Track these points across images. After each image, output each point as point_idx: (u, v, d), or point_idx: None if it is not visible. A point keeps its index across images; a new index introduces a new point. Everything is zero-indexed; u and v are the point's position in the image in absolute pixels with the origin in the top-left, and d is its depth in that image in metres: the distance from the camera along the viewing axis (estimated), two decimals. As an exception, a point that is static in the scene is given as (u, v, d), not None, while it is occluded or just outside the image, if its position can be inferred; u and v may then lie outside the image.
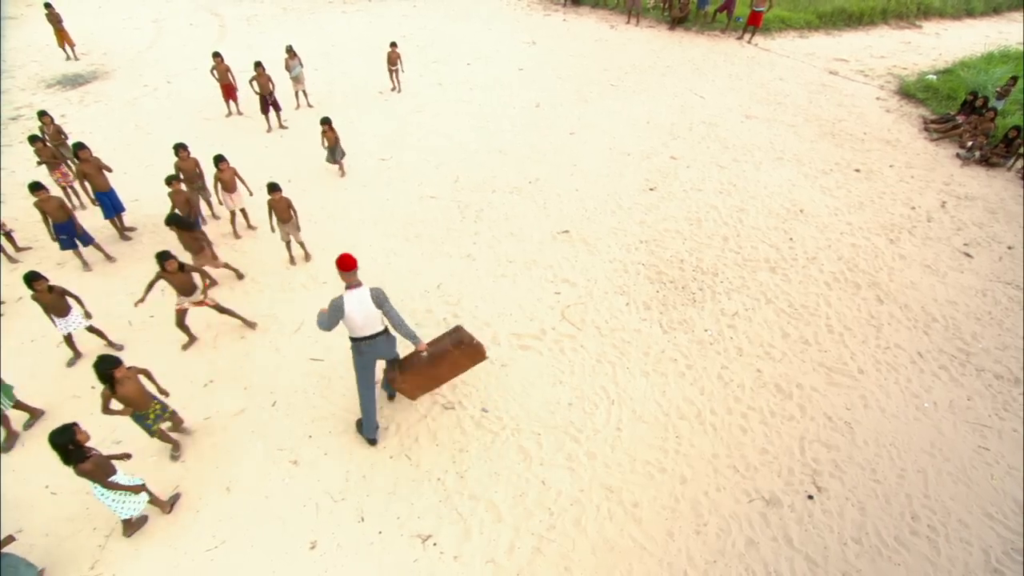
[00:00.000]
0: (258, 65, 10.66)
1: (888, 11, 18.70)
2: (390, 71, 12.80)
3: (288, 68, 11.40)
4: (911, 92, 13.25)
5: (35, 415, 5.68)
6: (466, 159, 10.20)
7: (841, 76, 14.23)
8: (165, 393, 5.41)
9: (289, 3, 18.96)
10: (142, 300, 6.04)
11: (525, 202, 9.01)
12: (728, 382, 6.15)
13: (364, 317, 4.70)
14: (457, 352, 5.18)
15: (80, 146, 7.61)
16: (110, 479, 4.36)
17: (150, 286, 6.05)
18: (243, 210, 8.26)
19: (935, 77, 13.62)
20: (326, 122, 9.23)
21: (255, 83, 10.63)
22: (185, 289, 6.16)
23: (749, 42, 16.05)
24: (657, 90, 13.03)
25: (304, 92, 11.97)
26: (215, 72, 11.05)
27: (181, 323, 6.36)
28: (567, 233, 8.29)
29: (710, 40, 16.25)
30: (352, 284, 4.68)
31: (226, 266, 7.26)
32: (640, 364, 6.33)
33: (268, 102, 10.89)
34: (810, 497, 5.12)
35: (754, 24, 15.65)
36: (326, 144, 9.42)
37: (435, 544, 4.73)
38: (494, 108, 12.14)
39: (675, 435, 5.61)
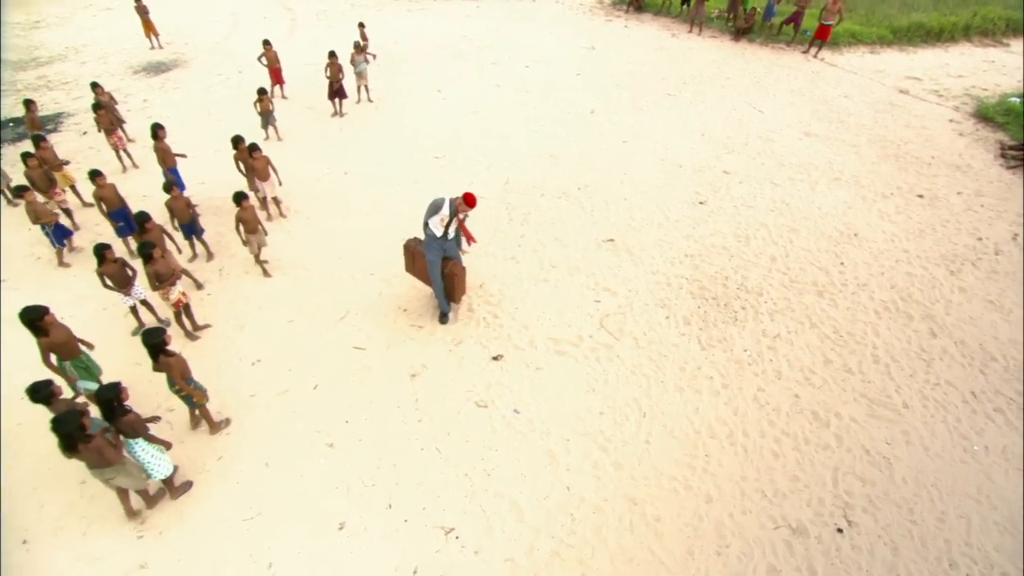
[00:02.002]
0: (332, 55, 11.29)
1: (972, 27, 17.70)
2: (363, 46, 13.66)
3: (354, 63, 11.84)
4: (989, 115, 12.54)
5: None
6: (517, 161, 10.33)
7: (912, 95, 13.62)
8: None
9: None
10: None
11: (572, 208, 9.06)
12: (763, 405, 6.05)
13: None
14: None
15: (158, 126, 8.20)
16: (149, 433, 4.74)
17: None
18: (275, 198, 8.64)
19: (1019, 100, 12.87)
20: (262, 92, 10.33)
21: (328, 70, 11.30)
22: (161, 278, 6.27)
23: (815, 56, 15.56)
24: (715, 102, 12.82)
25: (366, 87, 12.39)
26: (263, 59, 11.76)
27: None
28: (612, 242, 8.30)
29: (774, 53, 15.84)
30: (461, 209, 6.13)
31: (184, 273, 7.18)
32: (675, 379, 6.30)
33: (335, 90, 11.54)
34: (839, 531, 5.00)
35: (822, 38, 15.16)
36: (259, 111, 10.43)
37: (457, 537, 4.87)
38: (549, 112, 12.23)
39: (704, 453, 5.57)
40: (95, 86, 10.09)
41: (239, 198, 7.05)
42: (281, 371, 6.33)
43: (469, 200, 6.09)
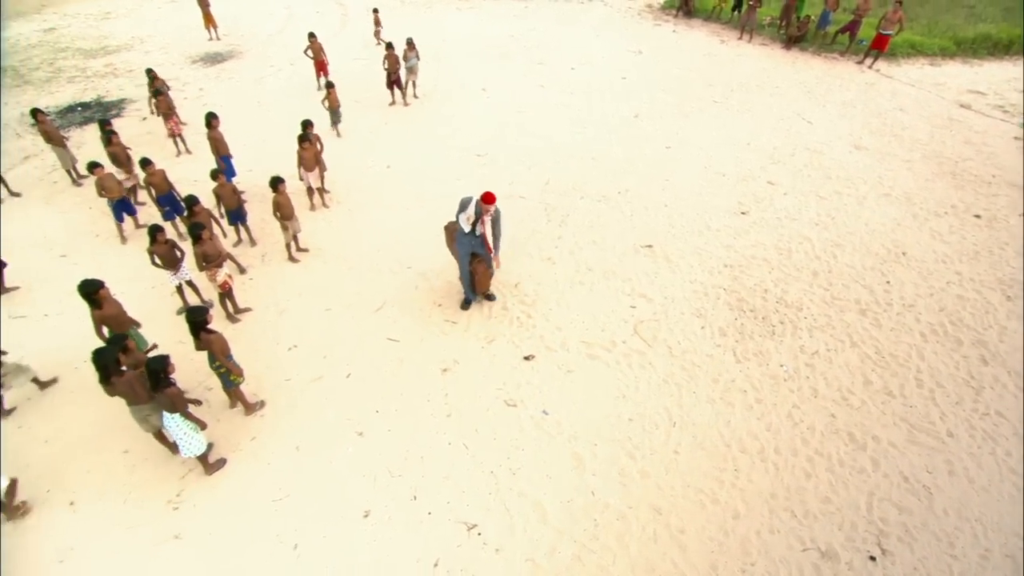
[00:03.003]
0: (389, 46, 11.71)
1: (1045, 40, 16.84)
2: (375, 31, 15.24)
3: (406, 59, 12.09)
4: (1059, 135, 11.92)
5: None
6: (559, 163, 10.32)
7: (974, 110, 13.06)
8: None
9: (408, -4, 19.85)
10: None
11: (612, 212, 9.01)
12: (798, 422, 5.90)
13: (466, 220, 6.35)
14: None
15: (213, 115, 8.52)
16: (187, 409, 4.93)
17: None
18: (320, 188, 8.85)
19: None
20: (330, 86, 10.50)
21: (385, 62, 11.73)
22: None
23: (870, 67, 15.06)
24: (762, 111, 12.55)
25: (415, 83, 12.59)
26: (309, 52, 12.21)
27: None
28: (650, 248, 8.22)
29: (826, 62, 15.41)
30: (484, 210, 6.19)
31: (229, 257, 7.27)
32: (707, 390, 6.20)
33: (392, 79, 11.94)
34: (872, 558, 4.84)
35: (878, 48, 14.66)
36: (327, 106, 10.56)
37: (479, 534, 4.89)
38: (592, 114, 12.18)
39: (734, 468, 5.47)
40: (149, 71, 10.61)
41: (275, 183, 7.26)
42: (316, 358, 6.48)
43: (486, 198, 6.14)
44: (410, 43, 12.03)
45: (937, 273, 7.99)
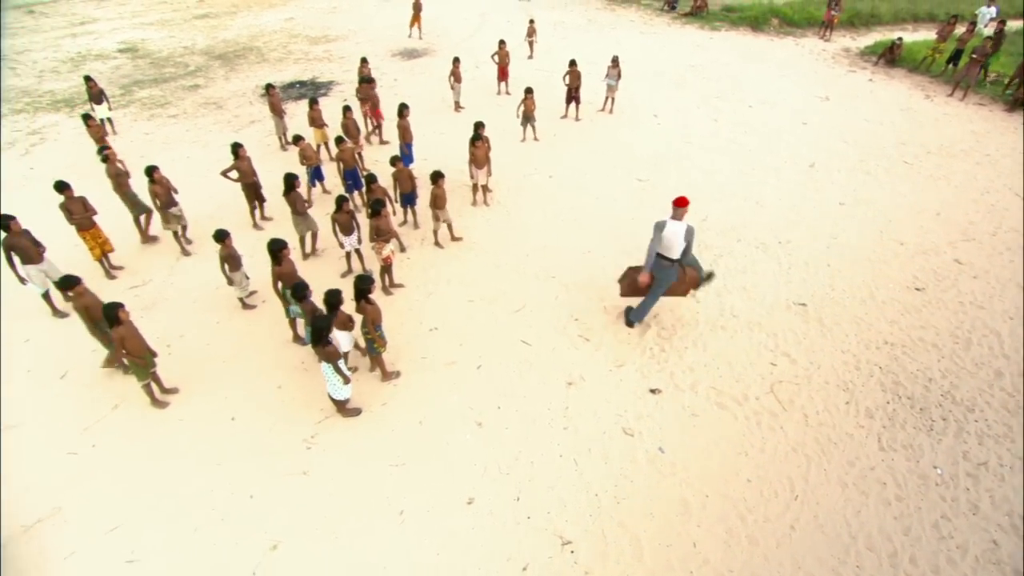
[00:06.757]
0: (572, 63, 12.17)
1: None
2: (529, 41, 16.22)
3: (607, 76, 12.62)
4: None
5: None
6: (720, 201, 10.02)
7: None
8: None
9: (595, 15, 20.32)
10: None
11: (768, 261, 8.58)
12: (945, 537, 5.23)
13: (672, 243, 6.35)
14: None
15: (405, 106, 9.49)
16: (338, 363, 5.53)
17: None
18: (484, 186, 9.35)
19: None
20: (529, 92, 10.99)
21: (567, 77, 12.21)
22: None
23: (1125, 148, 12.72)
24: (963, 180, 11.17)
25: (612, 99, 12.95)
26: (496, 57, 13.06)
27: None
28: (804, 307, 7.72)
29: (1061, 135, 13.30)
30: (677, 217, 6.33)
31: (395, 234, 8.04)
32: (840, 472, 5.71)
33: (573, 95, 12.39)
34: None
35: None
36: (522, 110, 11.18)
37: (572, 552, 4.94)
38: (764, 157, 11.65)
39: (855, 564, 4.99)
40: (364, 61, 11.95)
41: (436, 177, 7.92)
42: (453, 344, 6.94)
43: (680, 202, 6.41)
44: (615, 61, 12.40)
45: None
